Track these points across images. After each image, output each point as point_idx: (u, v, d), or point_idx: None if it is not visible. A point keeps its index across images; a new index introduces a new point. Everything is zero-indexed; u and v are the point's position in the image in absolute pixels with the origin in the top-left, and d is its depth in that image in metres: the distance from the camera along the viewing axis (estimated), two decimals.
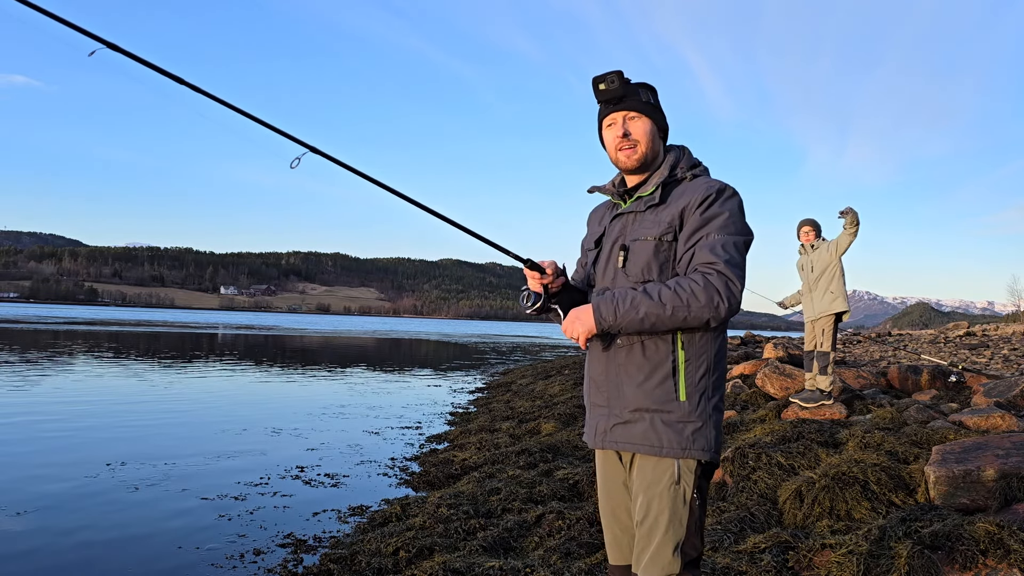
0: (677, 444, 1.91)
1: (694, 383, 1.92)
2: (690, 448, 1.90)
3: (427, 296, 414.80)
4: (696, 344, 1.93)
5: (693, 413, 1.91)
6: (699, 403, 1.92)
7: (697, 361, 1.93)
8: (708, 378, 1.94)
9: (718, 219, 1.93)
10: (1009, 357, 14.13)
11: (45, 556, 4.34)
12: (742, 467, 5.05)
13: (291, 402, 12.18)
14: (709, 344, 1.95)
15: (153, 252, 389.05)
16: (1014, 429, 5.30)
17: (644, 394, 1.94)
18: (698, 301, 1.82)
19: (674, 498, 1.92)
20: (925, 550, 3.24)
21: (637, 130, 2.06)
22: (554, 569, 3.77)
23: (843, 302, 6.91)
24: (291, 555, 4.45)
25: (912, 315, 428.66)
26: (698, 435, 1.91)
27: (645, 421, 1.94)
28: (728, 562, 3.55)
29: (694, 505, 1.94)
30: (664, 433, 1.92)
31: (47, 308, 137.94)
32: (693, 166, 2.11)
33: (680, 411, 1.91)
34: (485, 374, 19.96)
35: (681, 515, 1.92)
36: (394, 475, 6.80)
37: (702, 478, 1.97)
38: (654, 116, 2.09)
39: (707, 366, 1.94)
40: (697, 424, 1.91)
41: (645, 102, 2.07)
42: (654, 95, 2.13)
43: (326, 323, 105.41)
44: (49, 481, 6.11)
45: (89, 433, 8.42)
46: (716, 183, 2.01)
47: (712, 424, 1.95)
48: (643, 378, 1.95)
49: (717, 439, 1.96)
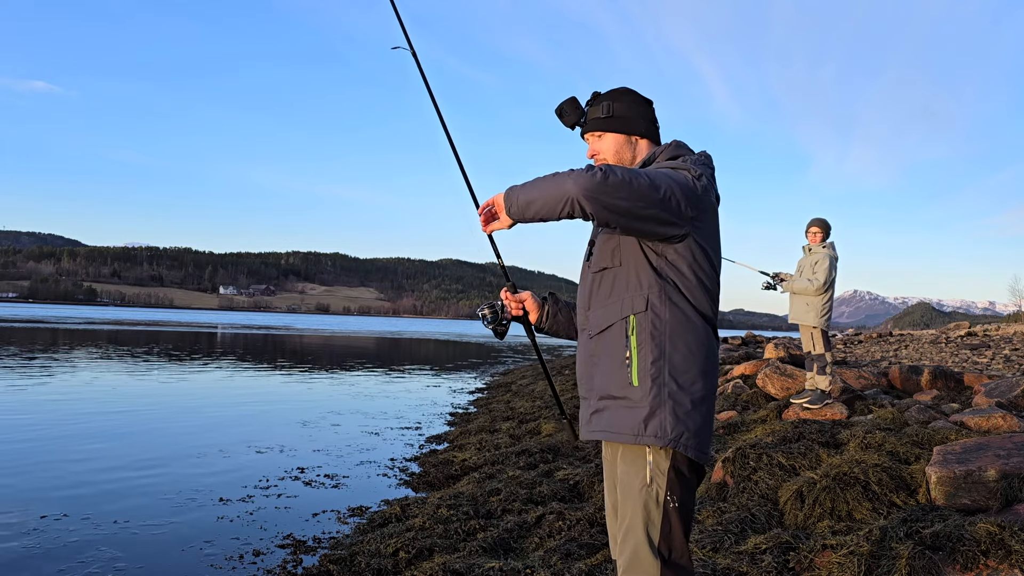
0: (629, 430, 1.89)
1: (646, 368, 1.88)
2: (641, 435, 1.88)
3: (427, 296, 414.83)
4: (648, 330, 1.90)
5: (645, 398, 1.88)
6: (651, 388, 1.87)
7: (649, 346, 1.89)
8: (662, 363, 1.88)
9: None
10: (1010, 357, 14.12)
11: (44, 555, 4.33)
12: (743, 467, 5.04)
13: (291, 402, 12.17)
14: (663, 329, 1.90)
15: (152, 252, 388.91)
16: (1015, 429, 5.29)
17: (608, 381, 1.95)
18: (564, 173, 1.80)
19: (646, 499, 1.91)
20: (926, 551, 3.24)
21: (600, 147, 2.15)
22: (554, 570, 3.76)
23: (815, 317, 6.93)
24: (291, 556, 4.44)
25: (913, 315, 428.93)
26: (650, 421, 1.87)
27: (610, 408, 1.95)
28: (729, 563, 3.55)
29: (669, 508, 1.90)
30: (621, 419, 1.91)
31: (46, 308, 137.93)
32: (671, 157, 2.06)
33: (633, 396, 1.90)
34: (485, 374, 19.95)
35: (654, 516, 1.90)
36: (394, 476, 6.79)
37: (679, 478, 1.92)
38: (616, 126, 2.12)
39: (659, 351, 1.89)
40: (647, 410, 1.87)
41: (603, 118, 2.12)
42: (617, 101, 2.13)
43: (326, 323, 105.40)
44: (48, 480, 6.11)
45: (87, 433, 8.41)
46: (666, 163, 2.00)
47: (668, 411, 1.86)
48: (607, 366, 1.96)
49: (677, 428, 1.86)
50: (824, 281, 6.80)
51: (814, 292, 6.85)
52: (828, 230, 7.15)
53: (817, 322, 6.93)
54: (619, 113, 2.12)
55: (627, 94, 2.15)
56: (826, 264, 6.83)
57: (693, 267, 1.94)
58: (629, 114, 2.12)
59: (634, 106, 2.14)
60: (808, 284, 6.85)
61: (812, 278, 6.85)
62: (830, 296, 6.99)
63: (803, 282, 6.90)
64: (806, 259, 7.12)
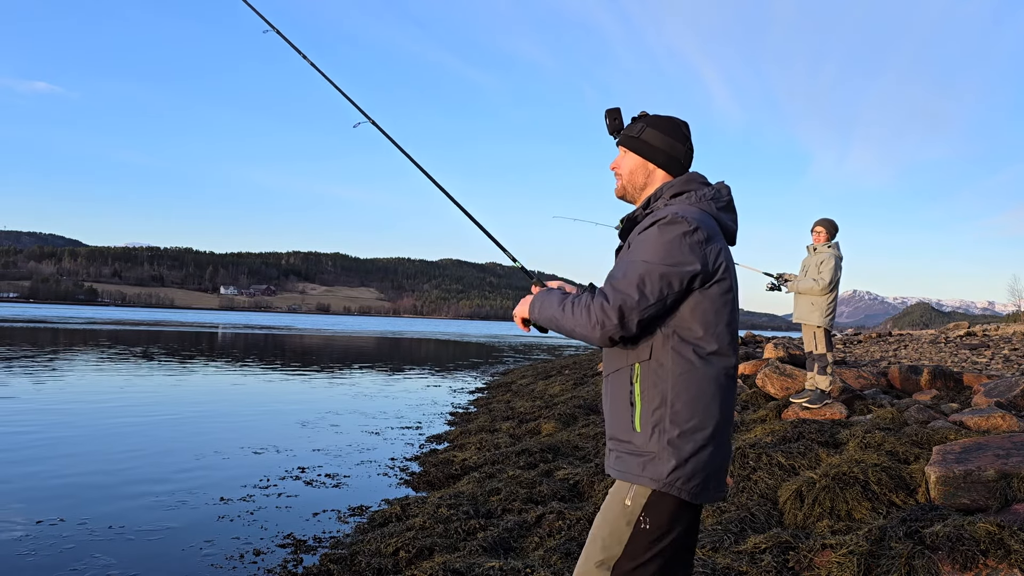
0: (630, 472, 1.94)
1: (648, 415, 1.92)
2: (640, 475, 1.92)
3: (427, 296, 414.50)
4: (651, 379, 1.94)
5: (647, 443, 1.92)
6: (652, 435, 1.91)
7: (651, 393, 1.93)
8: (664, 410, 1.90)
9: (638, 245, 1.95)
10: (1010, 357, 14.13)
11: (44, 555, 4.33)
12: (743, 467, 5.05)
13: (291, 402, 12.18)
14: (666, 378, 1.92)
15: (153, 252, 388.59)
16: (1015, 429, 5.30)
17: (616, 424, 2.01)
18: (584, 322, 1.92)
19: (617, 515, 1.93)
20: (926, 550, 3.24)
21: (620, 164, 2.19)
22: (554, 569, 3.77)
23: (819, 317, 6.93)
24: (291, 555, 4.45)
25: (913, 315, 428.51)
26: (649, 465, 1.91)
27: (616, 452, 2.01)
28: (728, 562, 3.55)
29: (640, 528, 1.90)
30: (625, 461, 1.97)
31: (47, 308, 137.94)
32: (676, 194, 2.06)
33: (636, 441, 1.94)
34: (485, 374, 19.95)
35: (621, 533, 1.91)
36: (394, 475, 6.80)
37: (661, 511, 1.91)
38: (638, 148, 2.14)
39: (661, 399, 1.91)
40: (648, 456, 1.91)
41: (632, 137, 2.16)
42: (650, 127, 2.13)
43: (326, 323, 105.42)
44: (48, 479, 6.11)
45: (88, 433, 8.42)
46: (663, 212, 1.98)
47: (670, 456, 1.89)
48: (615, 409, 2.01)
49: (681, 474, 1.89)
50: (830, 281, 6.80)
51: (819, 292, 6.86)
52: (834, 230, 7.16)
53: (821, 322, 6.93)
54: (646, 138, 2.13)
55: (664, 123, 2.14)
56: (831, 264, 6.83)
57: (696, 313, 1.94)
58: (655, 142, 2.13)
59: (663, 136, 2.13)
60: (813, 284, 6.85)
61: (818, 278, 6.85)
62: (834, 296, 6.99)
63: (808, 282, 6.90)
64: (810, 259, 7.12)
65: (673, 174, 2.15)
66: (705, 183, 2.11)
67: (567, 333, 1.98)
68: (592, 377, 14.03)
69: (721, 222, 2.05)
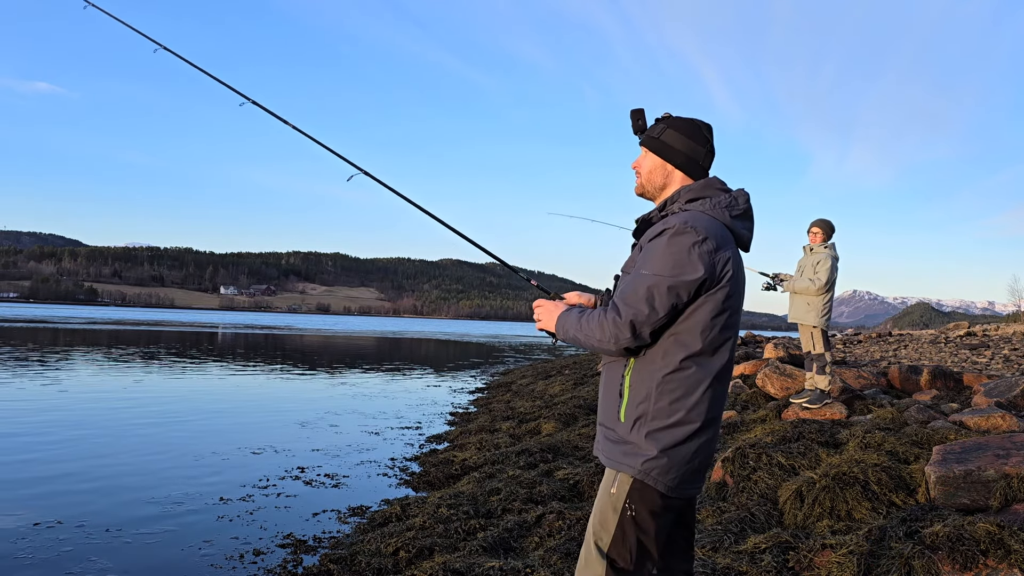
0: (613, 458, 2.05)
1: (633, 407, 2.01)
2: (621, 463, 2.02)
3: (427, 296, 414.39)
4: (640, 374, 2.02)
5: (628, 434, 2.02)
6: (633, 426, 2.00)
7: (639, 387, 2.01)
8: (648, 405, 1.99)
9: (647, 254, 2.01)
10: (1009, 357, 14.12)
11: (44, 555, 4.34)
12: (742, 467, 5.05)
13: (291, 402, 12.18)
14: (655, 375, 1.99)
15: (153, 252, 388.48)
16: (1015, 429, 5.29)
17: (605, 411, 2.12)
18: (600, 337, 2.00)
19: (606, 503, 2.03)
20: (925, 550, 3.24)
21: (642, 163, 2.23)
22: (554, 569, 3.77)
23: (815, 317, 6.93)
24: (291, 555, 4.45)
25: (913, 315, 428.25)
26: (629, 454, 2.00)
27: (602, 436, 2.12)
28: (728, 562, 3.55)
29: (625, 516, 1.99)
30: (610, 449, 2.07)
31: (47, 308, 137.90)
32: (692, 199, 2.09)
33: (619, 430, 2.04)
34: (485, 374, 19.96)
35: (608, 520, 2.01)
36: (394, 475, 6.80)
37: (643, 500, 1.98)
38: (658, 149, 2.17)
39: (647, 394, 1.99)
40: (628, 445, 2.01)
41: (653, 137, 2.19)
42: (671, 128, 2.15)
43: (326, 323, 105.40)
44: (46, 480, 6.11)
45: (87, 434, 8.42)
46: (674, 220, 2.01)
47: (647, 447, 1.97)
48: (606, 397, 2.13)
49: (656, 465, 1.96)
50: (826, 281, 6.81)
51: (815, 292, 6.86)
52: (830, 231, 7.16)
53: (817, 322, 6.93)
54: (666, 139, 2.16)
55: (685, 125, 2.16)
56: (828, 264, 6.84)
57: (695, 317, 1.99)
58: (674, 144, 2.15)
59: (682, 138, 2.15)
60: (810, 284, 6.86)
61: (814, 278, 6.86)
62: (830, 296, 6.99)
63: (804, 282, 6.91)
64: (807, 259, 7.13)
65: (692, 176, 2.17)
66: (723, 189, 2.14)
67: (586, 348, 2.08)
68: (592, 377, 14.02)
69: (734, 230, 2.09)
